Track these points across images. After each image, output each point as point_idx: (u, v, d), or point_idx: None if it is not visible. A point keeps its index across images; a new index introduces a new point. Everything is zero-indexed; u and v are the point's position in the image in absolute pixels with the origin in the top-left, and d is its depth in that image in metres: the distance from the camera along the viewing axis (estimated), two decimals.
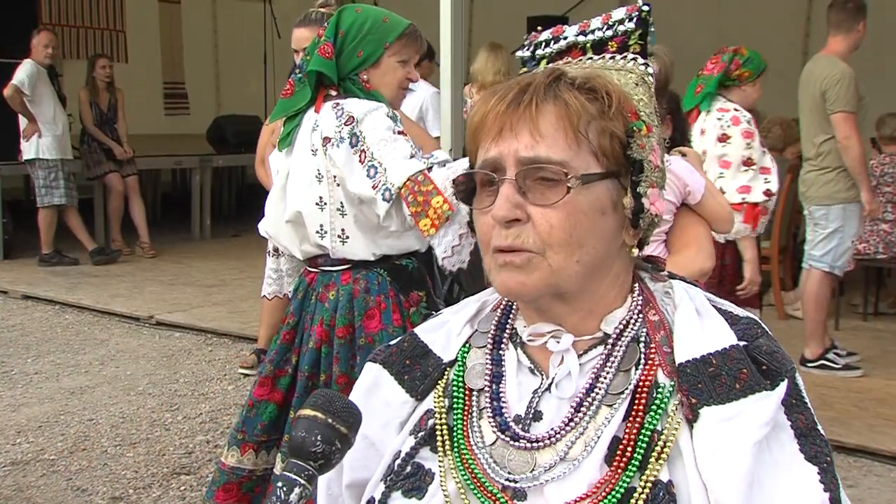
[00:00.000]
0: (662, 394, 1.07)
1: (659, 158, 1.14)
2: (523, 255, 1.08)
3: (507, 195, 1.07)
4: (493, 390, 1.15)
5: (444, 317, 1.28)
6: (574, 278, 1.09)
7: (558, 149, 1.07)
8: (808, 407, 1.07)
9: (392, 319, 2.63)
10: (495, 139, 1.10)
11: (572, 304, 1.12)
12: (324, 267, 2.73)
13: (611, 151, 1.09)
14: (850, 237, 5.35)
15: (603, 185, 1.09)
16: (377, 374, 1.25)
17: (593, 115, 1.08)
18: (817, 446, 1.05)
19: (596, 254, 1.09)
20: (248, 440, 2.74)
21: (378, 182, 2.50)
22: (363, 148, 2.53)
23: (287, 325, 2.78)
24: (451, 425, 1.16)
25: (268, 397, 2.74)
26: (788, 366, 1.07)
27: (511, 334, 1.20)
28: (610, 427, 1.07)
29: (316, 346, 2.68)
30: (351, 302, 2.66)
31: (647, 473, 1.03)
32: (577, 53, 1.23)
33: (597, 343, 1.13)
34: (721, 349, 1.07)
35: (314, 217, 2.66)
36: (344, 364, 2.65)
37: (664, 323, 1.12)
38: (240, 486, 2.75)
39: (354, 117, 2.55)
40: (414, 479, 1.14)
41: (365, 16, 2.70)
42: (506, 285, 1.10)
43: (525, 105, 1.08)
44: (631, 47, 1.19)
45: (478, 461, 1.11)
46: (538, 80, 1.11)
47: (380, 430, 1.20)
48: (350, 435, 1.03)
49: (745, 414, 1.02)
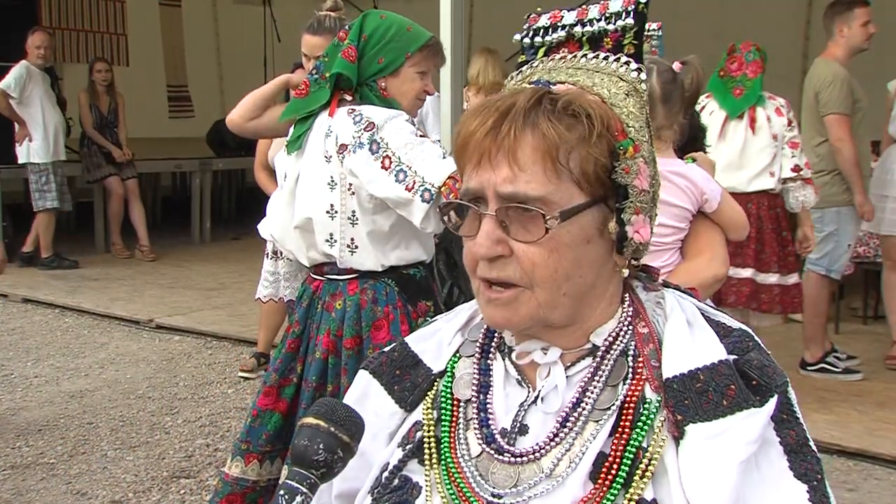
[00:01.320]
0: (649, 409, 1.05)
1: (646, 181, 1.09)
2: (509, 292, 1.06)
3: (489, 231, 1.05)
4: (481, 401, 1.14)
5: (437, 324, 1.26)
6: (562, 310, 1.07)
7: (537, 183, 1.03)
8: (799, 422, 1.05)
9: (401, 331, 2.59)
10: (475, 168, 1.07)
11: (561, 330, 1.11)
12: (329, 275, 2.70)
13: (594, 177, 1.06)
14: (846, 241, 5.35)
15: (587, 214, 1.06)
16: (367, 384, 1.24)
17: (573, 144, 1.04)
18: (808, 463, 1.02)
19: (584, 282, 1.07)
20: (253, 450, 2.71)
21: (413, 184, 2.47)
22: (387, 154, 2.51)
23: (292, 333, 2.75)
24: (439, 437, 1.14)
25: (272, 407, 2.71)
26: (780, 380, 1.04)
27: (499, 344, 1.18)
28: (595, 443, 1.05)
29: (323, 356, 2.65)
30: (359, 313, 2.63)
31: (631, 491, 1.01)
32: (573, 47, 1.19)
33: (585, 355, 1.11)
34: (709, 364, 1.04)
35: (324, 225, 2.64)
36: (353, 376, 2.61)
37: (653, 335, 1.10)
38: (243, 497, 2.72)
39: (375, 124, 2.53)
40: (401, 493, 1.13)
41: (389, 23, 2.67)
42: (493, 319, 1.10)
43: (503, 135, 1.05)
44: (625, 47, 1.15)
45: (463, 474, 1.09)
46: (519, 103, 1.06)
47: (369, 441, 1.17)
48: (352, 444, 1.03)
49: (731, 431, 1.00)
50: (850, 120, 5.14)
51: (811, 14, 9.39)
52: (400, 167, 2.49)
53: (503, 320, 1.08)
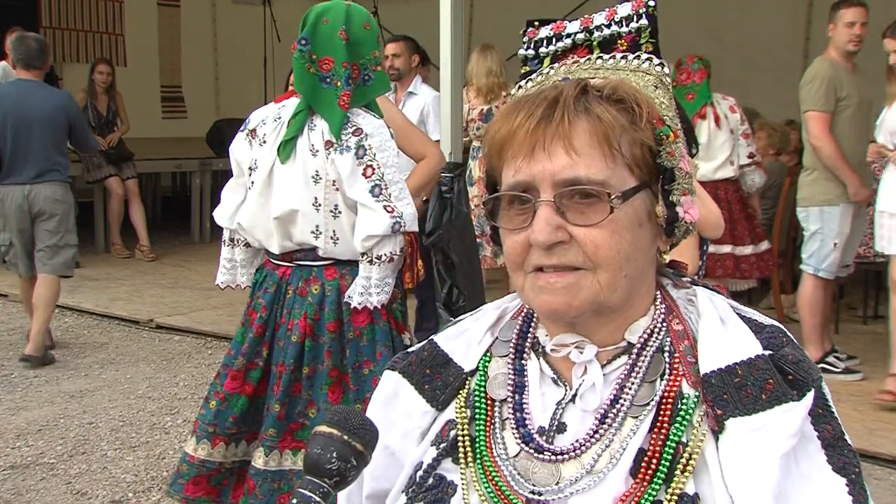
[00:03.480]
0: (687, 405, 1.05)
1: (687, 164, 1.12)
2: (570, 276, 1.05)
3: (547, 218, 1.04)
4: (516, 401, 1.13)
5: (463, 324, 1.25)
6: (620, 293, 1.07)
7: (596, 168, 1.04)
8: (834, 416, 1.05)
9: (381, 314, 2.71)
10: (526, 159, 1.06)
11: (609, 316, 1.10)
12: (301, 262, 2.77)
13: (642, 161, 1.07)
14: (831, 239, 5.34)
15: (639, 196, 1.07)
16: (396, 384, 1.23)
17: (625, 127, 1.05)
18: (845, 457, 1.03)
19: (638, 266, 1.08)
20: (220, 433, 2.79)
21: (391, 210, 2.63)
22: (370, 163, 2.61)
23: (259, 318, 2.81)
24: (473, 436, 1.14)
25: (239, 390, 2.78)
26: (815, 375, 1.05)
27: (533, 343, 1.17)
28: (635, 439, 1.05)
29: (300, 339, 2.73)
30: (339, 297, 2.72)
31: (672, 486, 1.01)
32: (583, 52, 1.19)
33: (620, 353, 1.11)
34: (746, 359, 1.04)
35: (310, 217, 2.71)
36: (335, 357, 2.71)
37: (688, 332, 1.10)
38: (209, 478, 2.80)
39: (364, 131, 2.63)
40: (436, 492, 1.12)
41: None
42: (549, 306, 1.07)
43: (557, 121, 1.04)
44: (643, 46, 1.15)
45: (501, 473, 1.09)
46: (566, 92, 1.07)
47: (400, 440, 1.19)
48: (366, 452, 1.02)
49: (772, 425, 1.00)
50: (827, 117, 5.20)
51: (811, 14, 9.39)
52: (379, 183, 2.62)
53: (563, 306, 1.06)
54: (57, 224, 5.83)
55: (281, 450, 2.73)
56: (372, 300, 2.67)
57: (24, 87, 5.89)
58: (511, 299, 1.25)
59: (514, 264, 1.09)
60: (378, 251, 2.64)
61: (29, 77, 5.91)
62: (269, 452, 2.72)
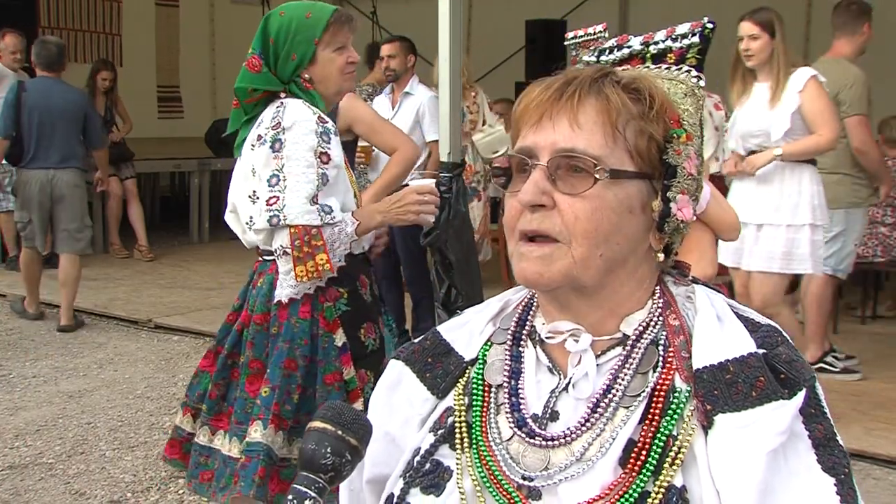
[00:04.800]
0: (679, 398, 1.07)
1: (694, 167, 1.15)
2: (546, 247, 1.08)
3: (536, 180, 1.08)
4: (512, 386, 1.16)
5: (466, 316, 1.28)
6: (594, 272, 1.09)
7: (595, 143, 1.08)
8: (826, 417, 1.07)
9: (299, 311, 2.70)
10: (533, 127, 1.11)
11: (591, 299, 1.12)
12: (264, 256, 2.82)
13: (646, 153, 1.11)
14: (852, 240, 5.36)
15: (634, 184, 1.10)
16: (400, 372, 1.26)
17: (633, 115, 1.10)
18: (835, 457, 1.04)
19: (619, 250, 1.10)
20: (188, 404, 2.92)
21: (275, 202, 2.61)
22: (279, 155, 2.63)
23: (232, 307, 2.92)
24: (470, 423, 1.16)
25: (208, 369, 2.90)
26: (808, 375, 1.06)
27: (530, 331, 1.20)
28: (626, 429, 1.07)
29: (238, 328, 2.82)
30: (270, 291, 2.74)
31: (661, 478, 1.03)
32: (636, 62, 1.25)
33: (615, 344, 1.13)
34: (739, 356, 1.06)
35: (245, 209, 2.76)
36: (258, 350, 2.75)
37: (684, 327, 1.12)
38: (181, 445, 2.90)
39: (282, 124, 2.65)
40: (432, 476, 1.15)
41: (289, 18, 2.76)
42: (524, 274, 1.11)
43: (568, 96, 1.10)
44: (688, 60, 1.21)
45: (495, 458, 1.11)
46: (585, 73, 1.13)
47: (401, 426, 1.22)
48: (360, 447, 1.03)
49: (760, 422, 1.02)
50: (869, 122, 5.16)
51: (811, 14, 9.40)
52: (278, 174, 2.63)
53: (535, 275, 1.09)
54: (76, 207, 6.70)
55: (214, 428, 2.80)
56: (282, 293, 2.68)
57: (46, 85, 6.76)
58: (515, 291, 1.27)
59: (508, 230, 1.13)
60: (273, 244, 2.66)
61: (50, 76, 6.77)
62: (202, 427, 2.83)
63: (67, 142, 6.68)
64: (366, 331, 2.81)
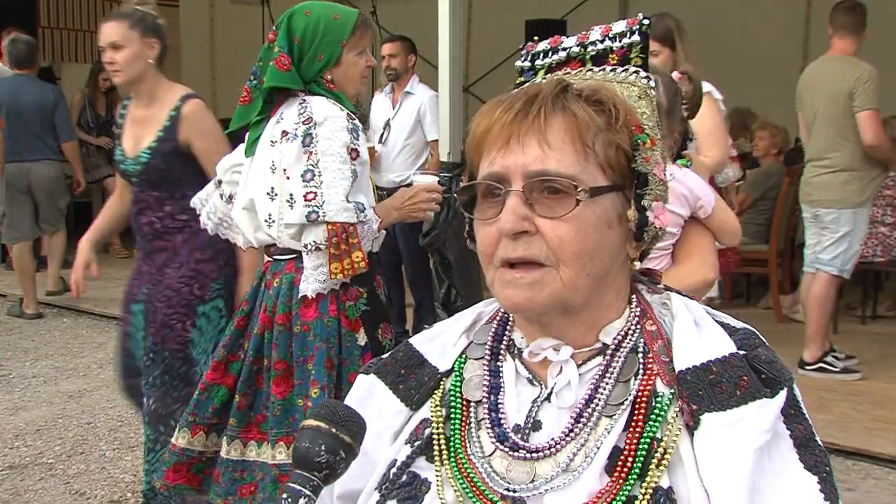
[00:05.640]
0: (662, 402, 1.07)
1: (662, 171, 1.14)
2: (534, 272, 1.07)
3: (514, 207, 1.06)
4: (492, 402, 1.14)
5: (439, 328, 1.27)
6: (582, 292, 1.08)
7: (567, 162, 1.06)
8: (805, 417, 1.07)
9: (328, 310, 2.67)
10: (501, 150, 1.08)
11: (575, 317, 1.12)
12: (276, 256, 2.79)
13: (616, 164, 1.09)
14: (858, 241, 5.34)
15: (609, 197, 1.09)
16: (371, 384, 1.24)
17: (600, 128, 1.08)
18: (816, 456, 1.05)
19: (603, 266, 1.09)
20: (199, 422, 2.82)
21: (313, 197, 2.57)
22: (312, 150, 2.60)
23: (241, 311, 2.86)
24: (448, 435, 1.15)
25: (220, 381, 2.81)
26: (787, 375, 1.07)
27: (508, 345, 1.19)
28: (610, 438, 1.06)
29: (259, 331, 2.75)
30: (291, 290, 2.71)
31: (647, 481, 1.03)
32: (576, 65, 1.22)
33: (595, 354, 1.13)
34: (721, 357, 1.07)
35: (264, 206, 2.73)
36: (282, 350, 2.71)
37: (661, 333, 1.12)
38: (189, 467, 2.83)
39: (314, 119, 2.62)
40: (409, 488, 1.13)
41: (317, 18, 2.75)
42: (512, 300, 1.09)
43: (533, 116, 1.07)
44: (632, 60, 1.19)
45: (476, 471, 1.10)
46: (545, 90, 1.10)
47: (373, 439, 1.18)
48: (354, 444, 1.03)
49: (746, 420, 1.02)
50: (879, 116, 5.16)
51: (810, 14, 9.40)
52: (313, 169, 2.60)
53: (525, 301, 1.08)
54: (54, 195, 7.22)
55: (245, 440, 2.75)
56: (308, 288, 2.66)
57: (17, 82, 7.16)
58: (486, 304, 1.26)
59: (485, 257, 1.11)
60: (304, 239, 2.62)
61: (21, 73, 7.15)
62: (231, 441, 2.76)
63: (40, 136, 7.14)
64: (383, 331, 2.81)
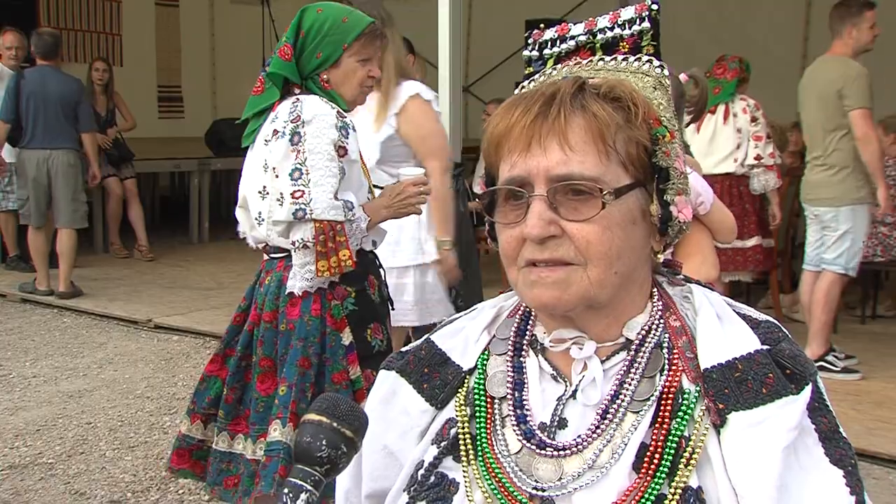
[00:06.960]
0: (688, 399, 1.06)
1: (683, 164, 1.13)
2: (560, 271, 1.06)
3: (539, 212, 1.05)
4: (516, 398, 1.14)
5: (460, 322, 1.26)
6: (609, 289, 1.08)
7: (590, 164, 1.05)
8: (830, 410, 1.07)
9: (311, 308, 2.70)
10: (522, 153, 1.08)
11: (601, 312, 1.11)
12: (271, 254, 2.83)
13: (637, 160, 1.09)
14: (860, 237, 5.34)
15: (632, 194, 1.08)
16: (394, 383, 1.23)
17: (620, 126, 1.07)
18: (841, 449, 1.04)
19: (630, 263, 1.09)
20: (197, 411, 2.90)
21: (300, 195, 2.60)
22: (300, 148, 2.63)
23: (238, 307, 2.91)
24: (474, 434, 1.14)
25: (217, 374, 2.88)
26: (811, 369, 1.07)
27: (531, 340, 1.18)
28: (637, 434, 1.06)
29: (249, 328, 2.81)
30: (279, 288, 2.75)
31: (676, 480, 1.02)
32: (586, 54, 1.20)
33: (619, 349, 1.12)
34: (746, 354, 1.06)
35: (255, 204, 2.77)
36: (268, 348, 2.75)
37: (685, 328, 1.12)
38: (191, 453, 2.89)
39: (302, 117, 2.65)
40: (438, 489, 1.12)
41: (325, 16, 2.76)
42: (540, 300, 1.08)
43: (553, 117, 1.06)
44: (644, 48, 1.17)
45: (504, 470, 1.10)
46: (563, 89, 1.09)
47: (398, 439, 1.19)
48: (356, 438, 1.02)
49: (773, 418, 1.01)
50: (872, 115, 5.15)
51: (810, 14, 9.40)
52: (300, 167, 2.62)
53: (553, 300, 1.07)
54: (71, 183, 7.35)
55: (232, 432, 2.79)
56: (295, 285, 2.68)
57: (42, 72, 7.45)
58: (506, 298, 1.25)
59: (508, 259, 1.11)
60: (291, 237, 2.64)
61: (47, 64, 7.44)
62: (219, 433, 2.81)
63: (62, 124, 7.34)
64: (373, 331, 2.81)
